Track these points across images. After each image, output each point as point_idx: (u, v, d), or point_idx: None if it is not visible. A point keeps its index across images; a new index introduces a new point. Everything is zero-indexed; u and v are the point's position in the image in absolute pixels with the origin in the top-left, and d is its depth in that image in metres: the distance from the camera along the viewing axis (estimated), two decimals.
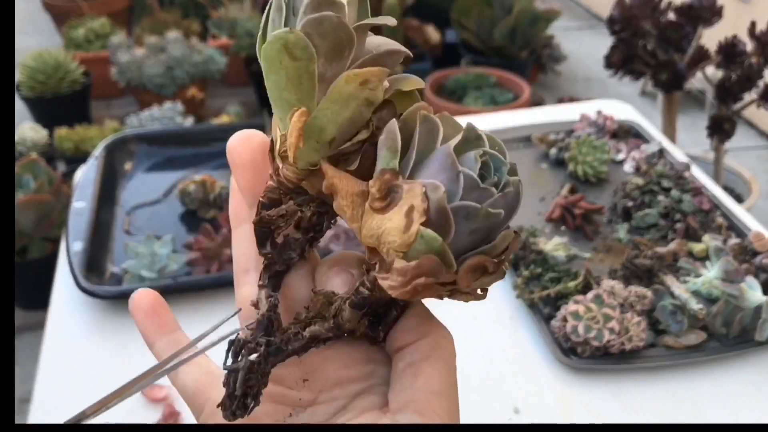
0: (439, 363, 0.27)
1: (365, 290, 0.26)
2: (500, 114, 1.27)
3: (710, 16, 1.41)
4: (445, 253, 0.23)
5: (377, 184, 0.24)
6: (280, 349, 0.27)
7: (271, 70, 0.25)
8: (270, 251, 0.28)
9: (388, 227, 0.23)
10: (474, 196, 0.23)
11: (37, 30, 3.35)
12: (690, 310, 0.77)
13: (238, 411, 0.26)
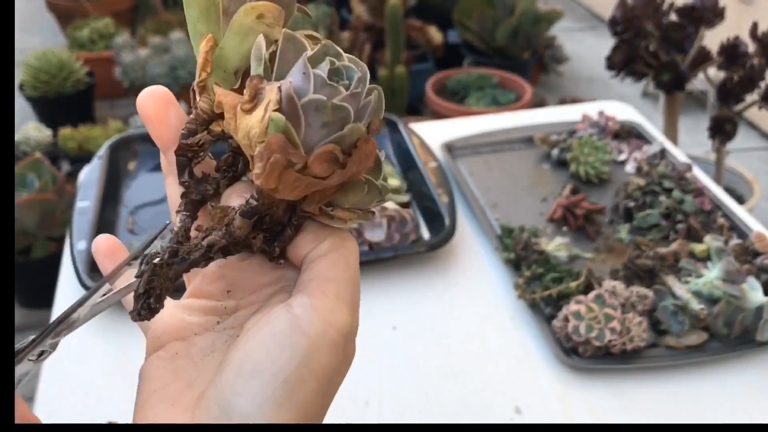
0: (333, 255, 0.29)
1: (252, 200, 0.29)
2: (502, 115, 1.27)
3: (712, 17, 1.41)
4: (289, 132, 0.26)
5: (248, 90, 0.27)
6: (183, 258, 0.29)
7: (188, 5, 0.29)
8: (188, 180, 0.31)
9: (252, 122, 0.26)
10: (324, 92, 0.26)
11: (40, 30, 3.36)
12: (691, 311, 0.77)
13: (143, 311, 0.29)
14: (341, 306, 0.28)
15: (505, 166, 1.10)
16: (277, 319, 0.27)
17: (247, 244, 0.30)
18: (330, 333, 0.27)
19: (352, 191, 0.29)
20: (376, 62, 2.45)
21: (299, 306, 0.27)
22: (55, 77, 2.38)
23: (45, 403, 0.72)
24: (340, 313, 0.28)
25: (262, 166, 0.26)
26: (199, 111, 0.30)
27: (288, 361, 0.26)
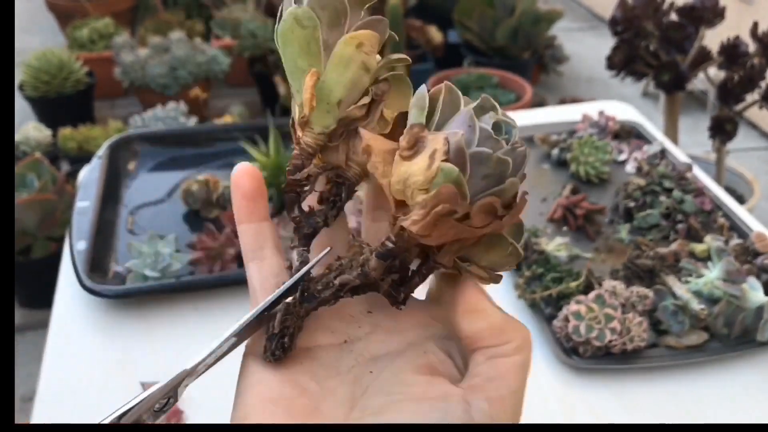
0: (519, 361, 0.29)
1: (390, 243, 0.29)
2: None
3: (712, 16, 1.41)
4: (461, 184, 0.26)
5: (407, 137, 0.27)
6: (313, 295, 0.30)
7: (286, 43, 0.30)
8: (298, 215, 0.31)
9: (414, 170, 0.27)
10: (488, 145, 0.27)
11: (40, 30, 3.36)
12: (691, 311, 0.77)
13: (277, 351, 0.29)
14: (514, 421, 0.28)
15: None
16: (453, 412, 0.27)
17: (374, 286, 0.30)
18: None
19: (494, 249, 0.29)
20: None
21: (478, 412, 0.27)
22: (55, 77, 2.38)
23: (45, 403, 0.72)
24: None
25: (424, 214, 0.27)
26: (304, 146, 0.30)
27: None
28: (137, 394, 0.30)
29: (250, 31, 2.64)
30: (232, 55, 2.64)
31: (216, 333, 0.34)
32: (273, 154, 1.03)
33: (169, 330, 0.81)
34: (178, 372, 0.30)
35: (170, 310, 0.83)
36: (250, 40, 2.63)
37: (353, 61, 0.29)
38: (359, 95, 0.30)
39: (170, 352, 0.78)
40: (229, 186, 1.02)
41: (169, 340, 0.80)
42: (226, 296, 0.85)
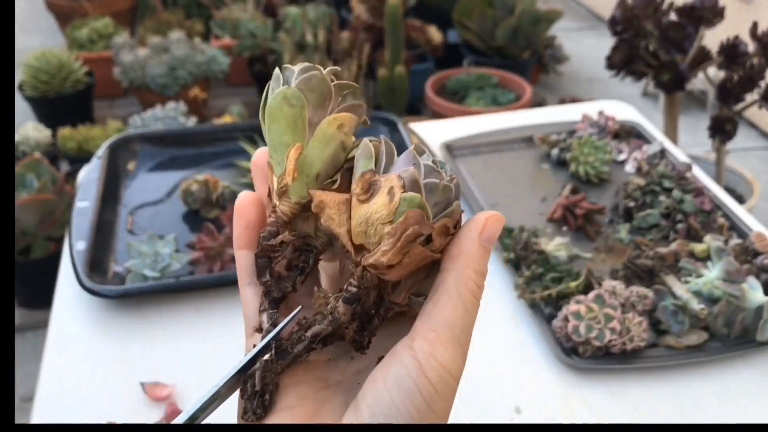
0: (454, 295, 0.30)
1: (353, 287, 0.30)
2: (502, 114, 1.27)
3: (712, 16, 1.41)
4: (425, 206, 0.29)
5: (360, 184, 0.30)
6: (287, 351, 0.31)
7: (273, 120, 0.33)
8: (269, 279, 0.33)
9: (375, 208, 0.30)
10: (432, 177, 0.30)
11: (40, 30, 3.36)
12: (691, 311, 0.77)
13: (259, 410, 0.30)
14: (459, 355, 0.30)
15: (504, 166, 1.10)
16: (403, 366, 0.29)
17: (339, 334, 0.31)
18: (450, 382, 0.29)
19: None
20: (376, 62, 2.45)
21: (422, 355, 0.29)
22: (54, 77, 2.38)
23: (45, 403, 0.72)
24: (457, 362, 0.30)
25: (395, 241, 0.29)
26: (280, 214, 0.33)
27: (417, 408, 0.29)
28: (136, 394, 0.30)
29: (250, 31, 2.64)
30: (232, 55, 2.64)
31: (216, 333, 0.35)
32: None
33: (168, 330, 0.81)
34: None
35: (170, 310, 0.83)
36: (250, 40, 2.63)
37: (334, 140, 0.32)
38: (335, 171, 0.33)
39: (170, 352, 0.78)
40: (228, 186, 1.02)
41: (168, 340, 0.80)
42: (226, 296, 0.85)
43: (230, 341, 0.80)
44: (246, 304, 0.34)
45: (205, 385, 0.33)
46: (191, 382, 0.74)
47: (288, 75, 0.33)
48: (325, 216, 0.31)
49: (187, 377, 0.75)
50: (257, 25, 2.65)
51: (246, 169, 1.05)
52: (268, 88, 0.34)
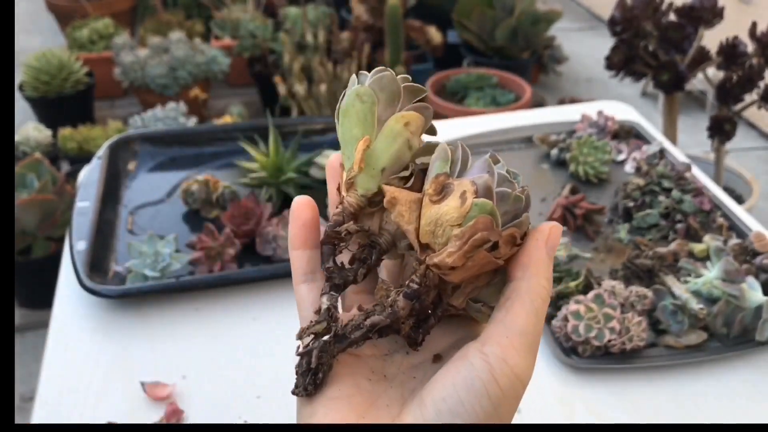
0: (527, 301, 0.31)
1: (415, 284, 0.31)
2: (502, 115, 1.27)
3: (711, 17, 1.41)
4: (495, 213, 0.30)
5: (433, 185, 0.31)
6: (345, 336, 0.32)
7: (345, 115, 0.34)
8: (332, 266, 0.34)
9: (445, 210, 0.30)
10: (505, 186, 0.31)
11: (40, 30, 3.36)
12: (690, 310, 0.78)
13: (310, 386, 0.31)
14: (530, 361, 0.31)
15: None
16: (474, 369, 0.30)
17: (396, 328, 0.32)
18: (518, 387, 0.30)
19: (500, 290, 0.32)
20: (376, 62, 2.45)
21: (494, 359, 0.30)
22: (54, 77, 2.38)
23: (45, 403, 0.72)
24: (528, 369, 0.31)
25: (461, 244, 0.30)
26: (347, 204, 0.34)
27: (484, 409, 0.29)
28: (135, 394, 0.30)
29: (250, 31, 2.64)
30: (232, 55, 2.64)
31: (216, 333, 0.35)
32: (272, 154, 1.03)
33: (169, 330, 0.81)
34: None
35: (170, 310, 0.83)
36: (250, 41, 2.63)
37: (400, 136, 0.34)
38: (400, 168, 0.34)
39: (170, 352, 0.78)
40: (228, 186, 1.02)
41: (168, 340, 0.80)
42: (226, 296, 0.85)
43: (230, 341, 0.80)
44: (301, 302, 0.35)
45: (206, 385, 0.33)
46: (191, 382, 0.74)
47: (362, 78, 0.35)
48: (396, 212, 0.32)
49: (187, 377, 0.75)
50: (257, 25, 2.65)
51: (246, 169, 1.05)
52: (344, 93, 0.35)
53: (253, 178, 1.03)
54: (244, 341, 0.80)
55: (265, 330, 0.81)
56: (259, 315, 0.83)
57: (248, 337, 0.80)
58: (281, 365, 0.77)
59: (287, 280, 0.88)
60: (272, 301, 0.85)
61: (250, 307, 0.84)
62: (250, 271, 0.87)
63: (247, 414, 0.71)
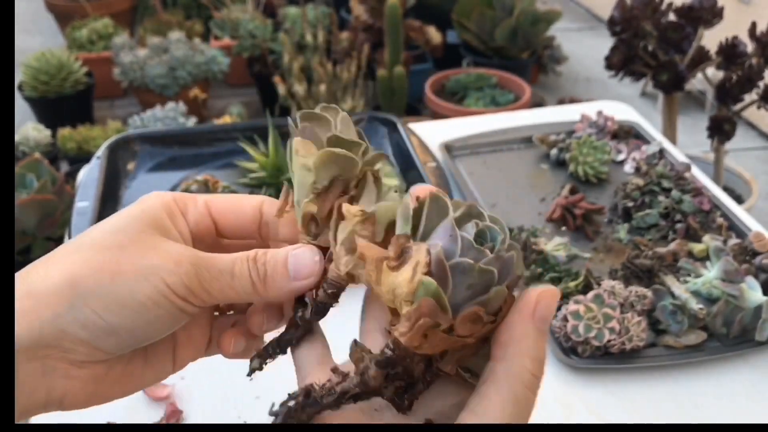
0: (504, 391, 0.28)
1: (388, 350, 0.29)
2: (501, 115, 1.27)
3: (711, 17, 1.41)
4: (440, 297, 0.27)
5: (393, 247, 0.28)
6: (316, 401, 0.30)
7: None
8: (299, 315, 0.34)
9: (399, 281, 0.28)
10: (470, 255, 0.27)
11: (39, 30, 3.36)
12: (690, 310, 0.78)
13: None
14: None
15: (503, 166, 1.10)
16: None
17: (378, 392, 0.30)
18: None
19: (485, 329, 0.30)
20: (375, 62, 2.45)
21: None
22: (54, 78, 2.38)
23: None
24: None
25: (410, 326, 0.27)
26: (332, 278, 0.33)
27: None
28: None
29: (249, 31, 2.64)
30: (231, 55, 2.64)
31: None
32: (272, 154, 1.03)
33: None
34: None
35: None
36: (249, 41, 2.63)
37: (296, 165, 0.34)
38: (307, 193, 0.34)
39: None
40: (228, 186, 1.02)
41: None
42: None
43: None
44: (302, 368, 0.35)
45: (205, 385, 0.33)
46: (191, 382, 0.74)
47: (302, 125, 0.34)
48: (366, 272, 0.30)
49: (186, 377, 0.75)
50: (257, 25, 2.65)
51: (245, 169, 1.05)
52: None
53: (252, 178, 1.03)
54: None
55: None
56: None
57: None
58: (281, 365, 0.77)
59: None
60: None
61: None
62: None
63: (246, 414, 0.71)
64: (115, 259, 0.31)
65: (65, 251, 0.32)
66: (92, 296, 0.30)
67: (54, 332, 0.30)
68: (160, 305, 0.31)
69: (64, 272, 0.30)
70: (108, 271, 0.30)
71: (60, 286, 0.30)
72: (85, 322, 0.30)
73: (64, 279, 0.30)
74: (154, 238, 0.32)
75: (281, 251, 0.34)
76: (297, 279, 0.33)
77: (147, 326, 0.31)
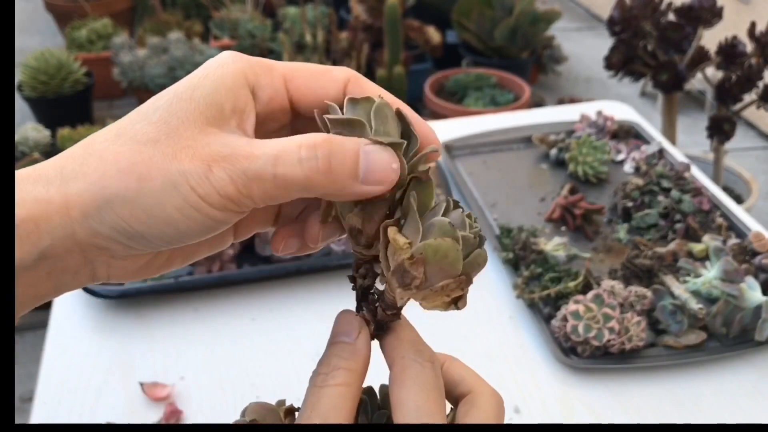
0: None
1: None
2: (501, 115, 1.27)
3: (710, 17, 1.41)
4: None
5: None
6: None
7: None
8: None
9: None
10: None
11: (39, 30, 3.36)
12: (690, 310, 0.78)
13: None
14: None
15: (503, 166, 1.10)
16: None
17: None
18: None
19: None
20: (375, 62, 2.45)
21: None
22: (53, 78, 2.38)
23: (45, 403, 0.72)
24: None
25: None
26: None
27: None
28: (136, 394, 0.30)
29: (249, 31, 2.64)
30: None
31: (215, 333, 0.35)
32: None
33: (167, 330, 0.81)
34: None
35: (169, 311, 0.83)
36: (249, 41, 2.63)
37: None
38: (350, 206, 0.33)
39: (169, 352, 0.78)
40: None
41: (167, 340, 0.80)
42: (225, 296, 0.85)
43: (229, 341, 0.80)
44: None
45: (205, 385, 0.33)
46: (190, 382, 0.74)
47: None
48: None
49: (186, 377, 0.75)
50: (256, 25, 2.65)
51: None
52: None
53: None
54: (242, 341, 0.80)
55: (264, 330, 0.81)
56: (258, 315, 0.83)
57: (247, 338, 0.80)
58: (280, 365, 0.77)
59: (286, 281, 0.88)
60: (271, 301, 0.85)
61: (248, 307, 0.84)
62: (249, 272, 0.87)
63: None
64: (147, 158, 0.27)
65: (104, 138, 0.29)
66: (118, 202, 0.27)
67: (86, 232, 0.28)
68: (191, 217, 0.28)
69: (96, 169, 0.28)
70: (136, 175, 0.27)
71: (90, 185, 0.27)
72: (114, 226, 0.28)
73: (96, 178, 0.28)
74: (198, 130, 0.28)
75: (350, 141, 0.29)
76: (366, 182, 0.29)
77: (181, 235, 0.29)
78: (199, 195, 0.27)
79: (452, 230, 0.30)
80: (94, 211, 0.27)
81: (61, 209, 0.27)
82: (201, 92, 0.29)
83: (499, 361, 0.78)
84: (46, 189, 0.27)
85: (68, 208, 0.27)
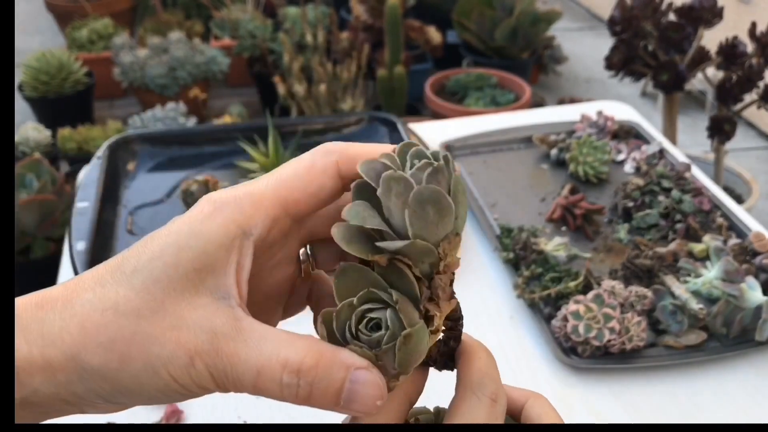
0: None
1: None
2: (501, 115, 1.27)
3: (711, 17, 1.41)
4: None
5: None
6: None
7: None
8: None
9: None
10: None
11: (39, 30, 3.36)
12: (690, 310, 0.78)
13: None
14: None
15: (504, 166, 1.10)
16: None
17: None
18: None
19: None
20: (375, 62, 2.45)
21: None
22: (54, 78, 2.38)
23: None
24: None
25: None
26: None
27: None
28: None
29: (249, 31, 2.64)
30: (231, 55, 2.64)
31: None
32: (272, 154, 1.03)
33: None
34: None
35: None
36: (249, 41, 2.63)
37: None
38: None
39: None
40: (227, 185, 1.02)
41: None
42: None
43: None
44: None
45: None
46: None
47: None
48: None
49: None
50: (257, 25, 2.65)
51: (245, 169, 1.05)
52: None
53: (252, 178, 1.03)
54: None
55: None
56: None
57: None
58: None
59: None
60: None
61: None
62: None
63: (246, 414, 0.71)
64: (128, 336, 0.27)
65: (88, 294, 0.28)
66: (98, 378, 0.28)
67: (68, 392, 0.28)
68: (172, 397, 0.28)
69: (75, 339, 0.27)
70: (117, 354, 0.27)
71: (71, 357, 0.27)
72: (97, 392, 0.28)
73: (76, 350, 0.27)
74: (185, 303, 0.27)
75: (339, 367, 0.28)
76: (345, 408, 0.28)
77: (165, 401, 0.29)
78: (179, 384, 0.27)
79: None
80: (76, 379, 0.28)
81: (44, 370, 0.27)
82: (187, 255, 0.28)
83: (500, 361, 0.77)
84: (28, 348, 0.27)
85: (50, 371, 0.27)
